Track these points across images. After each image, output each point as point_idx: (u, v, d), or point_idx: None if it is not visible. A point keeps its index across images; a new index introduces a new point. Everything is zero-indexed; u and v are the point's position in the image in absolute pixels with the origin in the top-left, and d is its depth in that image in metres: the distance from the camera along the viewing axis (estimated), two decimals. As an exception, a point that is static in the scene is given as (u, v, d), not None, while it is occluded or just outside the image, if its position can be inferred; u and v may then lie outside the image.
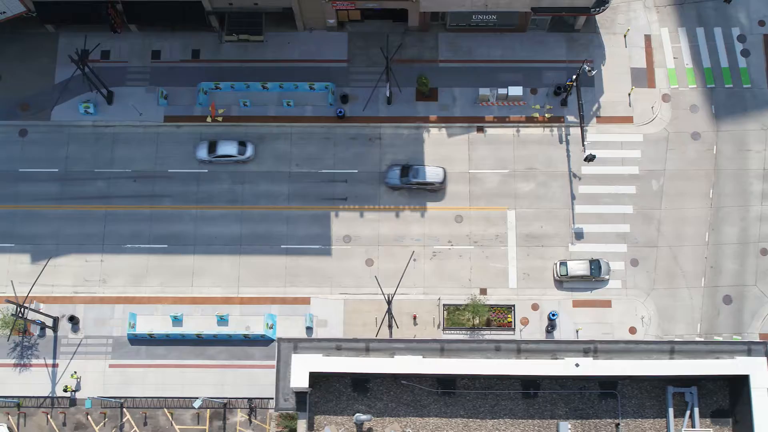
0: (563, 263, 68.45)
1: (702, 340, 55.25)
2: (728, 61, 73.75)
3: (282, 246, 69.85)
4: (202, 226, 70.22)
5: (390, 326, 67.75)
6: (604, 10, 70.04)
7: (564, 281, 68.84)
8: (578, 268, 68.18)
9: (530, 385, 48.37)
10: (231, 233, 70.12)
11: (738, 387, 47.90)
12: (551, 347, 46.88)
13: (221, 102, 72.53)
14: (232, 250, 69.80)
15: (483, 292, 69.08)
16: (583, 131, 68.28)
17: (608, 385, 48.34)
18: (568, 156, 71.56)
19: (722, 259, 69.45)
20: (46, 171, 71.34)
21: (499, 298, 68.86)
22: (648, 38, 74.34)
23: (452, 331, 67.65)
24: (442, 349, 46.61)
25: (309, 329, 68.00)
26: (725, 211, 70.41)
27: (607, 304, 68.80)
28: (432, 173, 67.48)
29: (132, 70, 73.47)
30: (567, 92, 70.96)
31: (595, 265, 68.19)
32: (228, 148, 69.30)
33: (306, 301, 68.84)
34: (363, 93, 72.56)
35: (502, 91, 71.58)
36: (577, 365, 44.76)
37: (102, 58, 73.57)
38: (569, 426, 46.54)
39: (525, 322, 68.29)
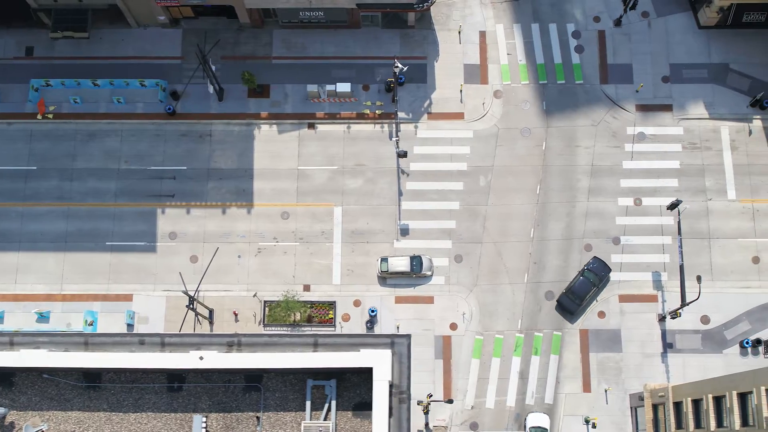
0: (384, 259, 68.51)
1: (350, 333, 55.41)
2: (562, 57, 73.75)
3: (107, 243, 69.88)
4: (28, 222, 70.22)
5: (211, 322, 68.05)
6: (429, 5, 69.94)
7: (386, 277, 68.92)
8: (399, 264, 68.24)
9: (175, 378, 48.55)
10: (57, 230, 70.14)
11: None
12: (196, 340, 47.03)
13: (53, 99, 72.47)
14: (57, 247, 69.78)
15: (306, 288, 69.15)
16: (397, 127, 68.37)
17: (254, 378, 48.65)
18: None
19: (546, 255, 69.52)
20: None
21: (321, 294, 68.94)
22: (483, 34, 74.34)
23: (273, 328, 67.84)
24: (86, 342, 46.75)
25: (130, 326, 68.07)
26: (551, 207, 70.47)
27: (429, 300, 68.90)
28: None
29: (-35, 68, 73.57)
30: (394, 89, 70.97)
31: (416, 261, 68.25)
32: None
33: (129, 297, 68.87)
34: (195, 90, 72.58)
35: (330, 87, 71.57)
36: (201, 358, 45.00)
37: (-64, 56, 73.68)
38: (204, 419, 46.71)
39: (346, 318, 68.38)
